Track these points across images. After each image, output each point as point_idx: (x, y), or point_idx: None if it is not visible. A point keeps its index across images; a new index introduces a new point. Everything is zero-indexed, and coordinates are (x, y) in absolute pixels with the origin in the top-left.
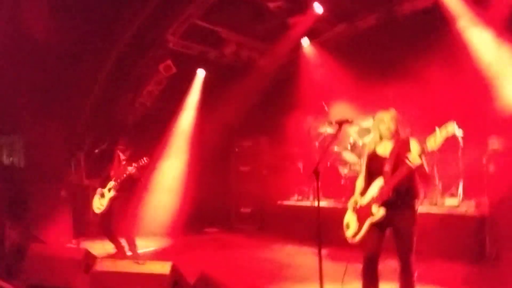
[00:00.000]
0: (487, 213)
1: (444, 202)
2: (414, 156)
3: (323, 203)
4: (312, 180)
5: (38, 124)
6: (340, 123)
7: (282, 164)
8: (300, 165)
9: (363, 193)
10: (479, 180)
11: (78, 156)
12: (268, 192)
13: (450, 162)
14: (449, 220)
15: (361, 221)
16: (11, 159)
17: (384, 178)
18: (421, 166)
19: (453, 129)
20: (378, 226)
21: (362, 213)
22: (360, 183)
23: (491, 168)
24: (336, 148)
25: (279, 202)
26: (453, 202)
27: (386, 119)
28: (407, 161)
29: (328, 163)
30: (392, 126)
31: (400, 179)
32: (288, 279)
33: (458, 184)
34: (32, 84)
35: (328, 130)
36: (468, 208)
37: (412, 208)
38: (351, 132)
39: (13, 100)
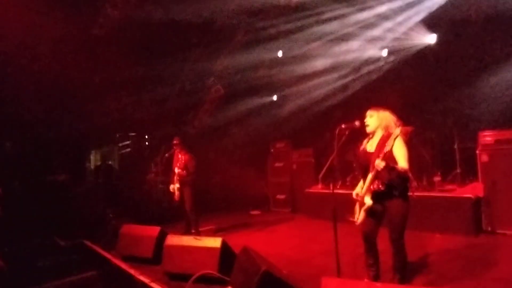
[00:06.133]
0: (482, 195)
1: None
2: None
3: (340, 191)
4: (331, 173)
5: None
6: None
7: (306, 161)
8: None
9: (363, 185)
10: (473, 168)
11: (155, 160)
12: (298, 183)
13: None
14: (449, 202)
15: (360, 208)
16: (109, 162)
17: (371, 173)
18: (388, 168)
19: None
20: (372, 212)
21: (361, 202)
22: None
23: (484, 158)
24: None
25: (306, 190)
26: (451, 187)
27: (368, 115)
28: (375, 164)
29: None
30: (373, 123)
31: (377, 175)
32: (313, 250)
33: (456, 172)
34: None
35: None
36: (465, 191)
37: (397, 197)
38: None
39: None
